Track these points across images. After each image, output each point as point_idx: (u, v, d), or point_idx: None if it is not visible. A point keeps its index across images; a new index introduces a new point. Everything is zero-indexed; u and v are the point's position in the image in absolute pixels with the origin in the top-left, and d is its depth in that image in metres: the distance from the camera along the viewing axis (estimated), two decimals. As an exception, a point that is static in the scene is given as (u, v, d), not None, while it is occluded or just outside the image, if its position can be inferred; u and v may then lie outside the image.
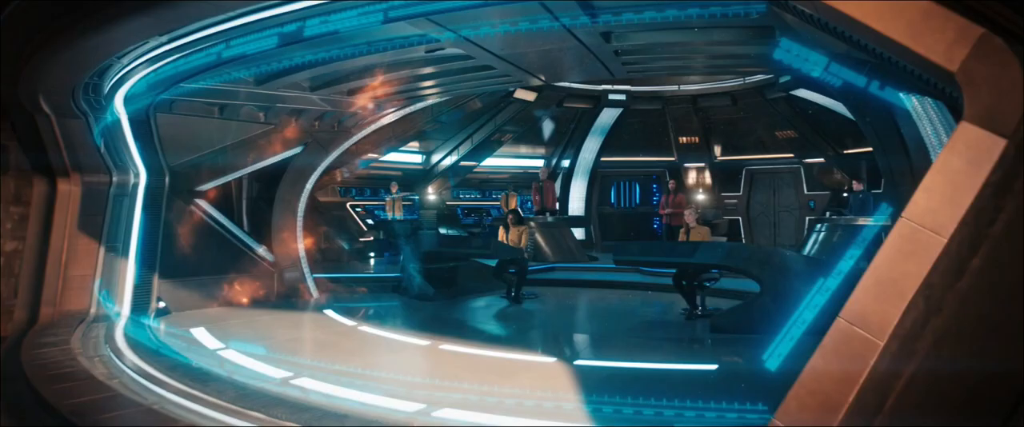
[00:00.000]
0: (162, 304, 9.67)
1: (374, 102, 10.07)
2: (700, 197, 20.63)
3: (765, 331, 8.51)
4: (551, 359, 7.27)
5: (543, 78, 8.16)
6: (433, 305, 11.33)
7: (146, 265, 9.34)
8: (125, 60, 6.69)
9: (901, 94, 7.06)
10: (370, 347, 8.21)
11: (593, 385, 6.00)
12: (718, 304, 9.98)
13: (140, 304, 9.14)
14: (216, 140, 10.36)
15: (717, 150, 21.05)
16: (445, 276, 12.57)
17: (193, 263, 10.41)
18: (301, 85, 9.00)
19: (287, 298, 11.49)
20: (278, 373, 6.48)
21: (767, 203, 21.42)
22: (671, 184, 16.42)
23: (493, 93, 16.15)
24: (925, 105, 7.12)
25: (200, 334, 8.37)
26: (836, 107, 15.73)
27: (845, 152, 19.06)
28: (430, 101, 11.85)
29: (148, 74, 7.17)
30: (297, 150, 11.67)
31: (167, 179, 9.67)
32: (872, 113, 6.91)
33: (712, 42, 6.90)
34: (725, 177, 21.25)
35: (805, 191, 20.56)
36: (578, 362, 7.02)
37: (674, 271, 9.92)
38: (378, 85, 8.73)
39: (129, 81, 7.35)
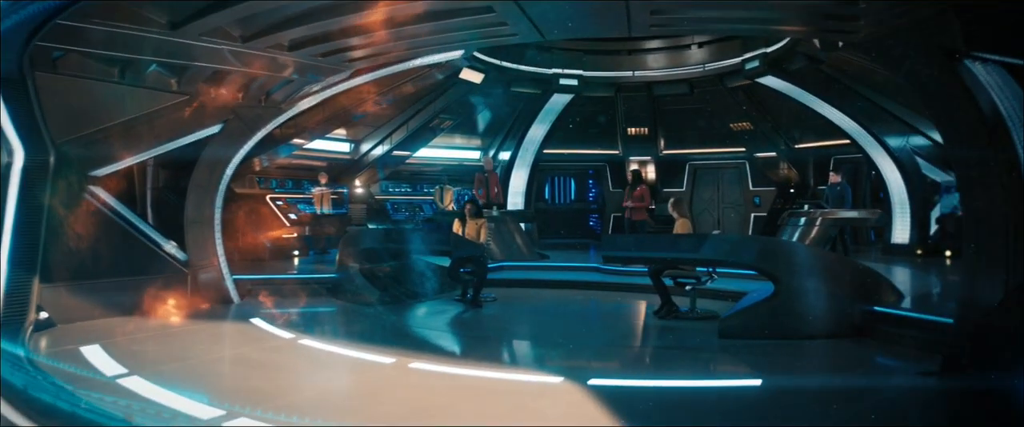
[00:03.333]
0: (44, 315, 7.73)
1: (321, 60, 8.16)
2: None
3: (782, 335, 7.48)
4: (558, 378, 5.80)
5: (543, 32, 6.70)
6: (377, 310, 9.77)
7: (22, 266, 7.34)
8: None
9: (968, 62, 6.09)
10: (321, 369, 6.52)
11: (642, 416, 4.62)
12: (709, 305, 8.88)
13: (13, 316, 7.15)
14: (116, 112, 8.37)
15: (662, 143, 20.27)
16: (388, 277, 11.04)
17: (86, 264, 8.43)
18: (230, 33, 7.13)
19: (203, 304, 9.61)
20: (204, 412, 4.76)
21: (711, 199, 20.86)
22: (630, 176, 15.30)
23: (432, 76, 14.62)
24: (990, 72, 6.14)
25: (94, 354, 6.49)
26: (797, 96, 14.98)
27: (796, 146, 18.58)
28: (384, 71, 10.10)
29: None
30: (215, 128, 9.76)
31: (52, 159, 7.70)
32: (939, 85, 5.83)
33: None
34: (669, 171, 20.58)
35: (751, 187, 20.08)
36: (596, 382, 5.56)
37: (656, 267, 8.84)
38: (334, 33, 6.94)
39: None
